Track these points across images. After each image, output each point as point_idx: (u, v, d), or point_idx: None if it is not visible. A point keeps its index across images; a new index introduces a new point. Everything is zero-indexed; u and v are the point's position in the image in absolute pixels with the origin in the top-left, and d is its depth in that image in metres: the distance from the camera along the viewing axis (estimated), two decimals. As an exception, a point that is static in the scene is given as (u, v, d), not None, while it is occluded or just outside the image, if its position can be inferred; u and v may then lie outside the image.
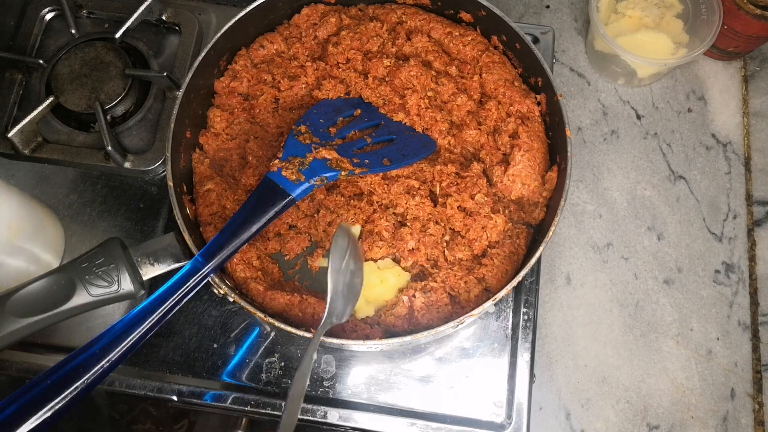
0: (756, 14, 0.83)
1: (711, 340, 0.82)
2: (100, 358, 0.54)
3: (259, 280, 0.70)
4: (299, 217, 0.76)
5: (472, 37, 0.80)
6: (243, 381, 0.76)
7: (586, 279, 0.84)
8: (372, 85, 0.79)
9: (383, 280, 0.70)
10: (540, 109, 0.76)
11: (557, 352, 0.81)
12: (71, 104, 0.83)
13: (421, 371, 0.76)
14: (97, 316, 0.76)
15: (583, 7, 0.98)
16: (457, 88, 0.77)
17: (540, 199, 0.73)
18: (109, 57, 0.86)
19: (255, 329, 0.77)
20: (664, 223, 0.87)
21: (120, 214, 0.83)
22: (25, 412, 0.48)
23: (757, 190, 0.89)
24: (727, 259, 0.85)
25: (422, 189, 0.74)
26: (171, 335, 0.77)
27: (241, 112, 0.79)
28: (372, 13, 0.83)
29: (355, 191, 0.76)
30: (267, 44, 0.81)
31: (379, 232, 0.72)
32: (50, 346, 0.76)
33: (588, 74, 0.94)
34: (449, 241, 0.72)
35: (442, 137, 0.77)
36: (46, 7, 0.91)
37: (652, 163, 0.90)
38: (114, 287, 0.62)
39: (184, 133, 0.75)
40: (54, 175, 0.85)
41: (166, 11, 0.90)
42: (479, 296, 0.68)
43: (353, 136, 0.76)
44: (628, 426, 0.78)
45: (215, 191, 0.73)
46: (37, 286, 0.60)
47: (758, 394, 0.80)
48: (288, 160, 0.67)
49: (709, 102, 0.93)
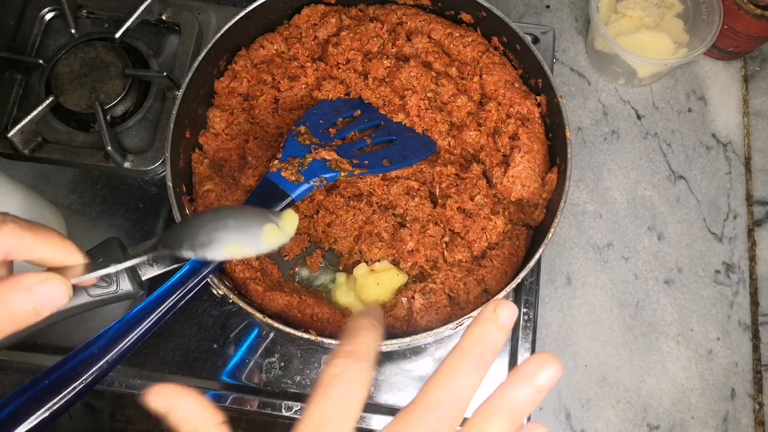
0: (756, 14, 0.83)
1: (711, 340, 0.82)
2: (99, 358, 0.54)
3: (258, 281, 0.70)
4: (299, 217, 0.76)
5: (472, 38, 0.80)
6: (243, 381, 0.76)
7: (587, 279, 0.84)
8: (372, 86, 0.79)
9: (380, 283, 0.70)
10: (540, 111, 0.76)
11: (557, 352, 0.81)
12: (71, 104, 0.83)
13: (421, 371, 0.76)
14: (97, 316, 0.75)
15: (583, 7, 0.98)
16: (457, 89, 0.77)
17: (540, 200, 0.72)
18: (109, 57, 0.86)
19: (254, 329, 0.77)
20: (664, 223, 0.86)
21: (120, 214, 0.83)
22: (24, 412, 0.48)
23: (758, 190, 0.89)
24: (727, 259, 0.85)
25: (422, 190, 0.74)
26: (171, 335, 0.77)
27: (240, 113, 0.79)
28: (372, 13, 0.83)
29: (354, 192, 0.76)
30: (267, 44, 0.81)
31: (379, 233, 0.72)
32: (49, 346, 0.76)
33: (588, 74, 0.94)
34: (449, 242, 0.72)
35: (442, 138, 0.77)
36: (46, 7, 0.91)
37: (652, 163, 0.89)
38: (113, 287, 0.62)
39: (184, 134, 0.74)
40: (54, 175, 0.85)
41: (166, 11, 0.90)
42: (479, 297, 0.68)
43: (353, 136, 0.76)
44: (629, 426, 0.78)
45: (215, 191, 0.73)
46: (36, 287, 0.60)
47: (758, 394, 0.80)
48: (287, 160, 0.67)
49: (709, 102, 0.93)
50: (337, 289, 0.73)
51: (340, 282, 0.74)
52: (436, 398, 0.34)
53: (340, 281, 0.74)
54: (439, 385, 0.35)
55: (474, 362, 0.35)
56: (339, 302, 0.72)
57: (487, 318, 0.36)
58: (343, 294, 0.72)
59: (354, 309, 0.71)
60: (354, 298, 0.72)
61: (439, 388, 0.34)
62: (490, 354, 0.36)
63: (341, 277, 0.74)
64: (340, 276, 0.74)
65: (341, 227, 0.73)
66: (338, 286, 0.73)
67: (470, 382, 0.35)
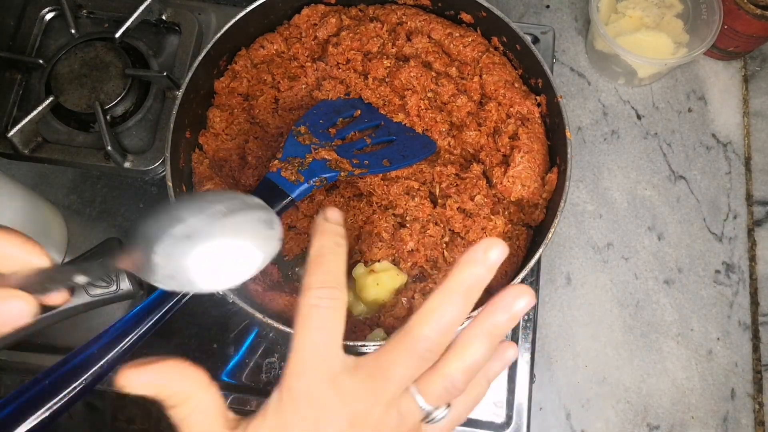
0: (756, 14, 0.83)
1: (711, 340, 0.82)
2: (99, 358, 0.54)
3: (258, 281, 0.70)
4: (299, 217, 0.75)
5: (472, 38, 0.80)
6: (243, 381, 0.76)
7: (587, 279, 0.84)
8: (372, 86, 0.79)
9: (379, 283, 0.70)
10: (540, 111, 0.76)
11: (557, 352, 0.81)
12: (71, 104, 0.83)
13: (420, 371, 0.76)
14: (97, 316, 0.75)
15: (583, 6, 0.98)
16: (457, 89, 0.77)
17: (540, 200, 0.72)
18: (109, 57, 0.86)
19: (254, 329, 0.77)
20: (664, 223, 0.86)
21: (120, 214, 0.83)
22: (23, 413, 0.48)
23: (758, 190, 0.89)
24: (727, 259, 0.85)
25: (422, 190, 0.74)
26: (171, 335, 0.77)
27: (240, 113, 0.79)
28: (372, 13, 0.83)
29: (354, 192, 0.76)
30: (267, 44, 0.81)
31: (379, 233, 0.72)
32: (49, 346, 0.76)
33: (588, 74, 0.94)
34: (449, 242, 0.72)
35: (442, 138, 0.77)
36: (46, 7, 0.91)
37: (652, 163, 0.89)
38: (113, 287, 0.62)
39: (184, 133, 0.74)
40: (54, 175, 0.85)
41: (166, 11, 0.90)
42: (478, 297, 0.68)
43: (353, 136, 0.76)
44: (629, 426, 0.78)
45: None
46: (36, 287, 0.60)
47: (758, 394, 0.80)
48: (287, 160, 0.67)
49: (709, 102, 0.93)
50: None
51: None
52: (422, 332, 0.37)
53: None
54: (426, 321, 0.38)
55: (460, 299, 0.38)
56: (339, 302, 0.72)
57: (475, 258, 0.38)
58: (343, 294, 0.72)
59: (354, 309, 0.71)
60: (354, 297, 0.72)
61: (425, 324, 0.38)
62: (476, 291, 0.38)
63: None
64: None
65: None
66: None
67: (455, 318, 0.38)
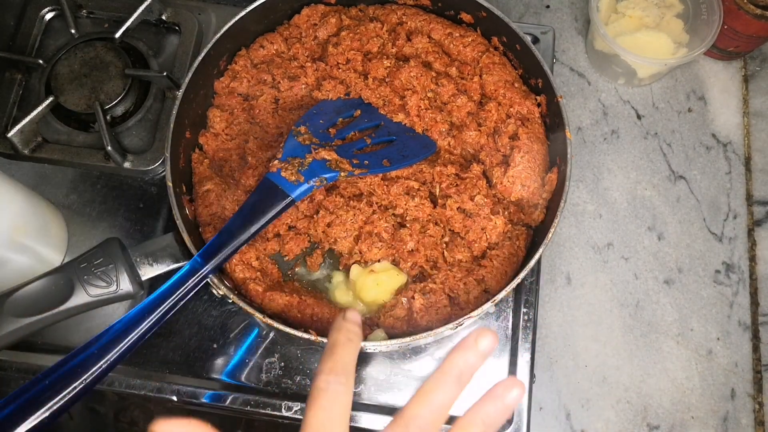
0: (756, 14, 0.83)
1: (711, 340, 0.82)
2: (99, 358, 0.54)
3: (258, 281, 0.70)
4: (298, 217, 0.75)
5: (472, 38, 0.80)
6: (243, 381, 0.76)
7: (587, 279, 0.84)
8: (372, 86, 0.79)
9: (379, 283, 0.70)
10: (540, 111, 0.76)
11: (557, 352, 0.81)
12: (71, 104, 0.83)
13: (421, 371, 0.76)
14: (97, 316, 0.76)
15: (583, 7, 0.98)
16: (457, 89, 0.77)
17: (540, 200, 0.72)
18: (109, 57, 0.86)
19: (254, 329, 0.77)
20: (664, 223, 0.86)
21: (119, 214, 0.83)
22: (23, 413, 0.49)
23: (758, 190, 0.89)
24: (727, 259, 0.85)
25: (422, 190, 0.74)
26: (171, 335, 0.77)
27: (240, 113, 0.79)
28: (372, 13, 0.83)
29: (354, 192, 0.76)
30: (267, 44, 0.81)
31: (379, 233, 0.72)
32: (49, 346, 0.76)
33: (588, 74, 0.94)
34: (449, 242, 0.72)
35: (442, 138, 0.77)
36: (46, 7, 0.91)
37: (652, 163, 0.89)
38: (113, 287, 0.62)
39: (184, 134, 0.75)
40: (54, 175, 0.85)
41: (166, 11, 0.90)
42: (478, 297, 0.68)
43: (353, 136, 0.76)
44: (629, 426, 0.78)
45: (214, 191, 0.73)
46: (36, 286, 0.60)
47: (758, 394, 0.80)
48: (287, 160, 0.67)
49: (709, 102, 0.93)
50: (336, 289, 0.73)
51: (338, 282, 0.74)
52: (417, 413, 0.41)
53: (338, 281, 0.74)
54: (421, 402, 0.42)
55: (452, 383, 0.42)
56: (338, 302, 0.72)
57: (467, 346, 0.43)
58: (343, 294, 0.72)
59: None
60: (354, 297, 0.72)
61: (420, 405, 0.41)
62: (467, 376, 0.42)
63: (339, 277, 0.74)
64: (338, 275, 0.74)
65: (341, 227, 0.73)
66: (337, 285, 0.73)
67: (447, 399, 0.42)
